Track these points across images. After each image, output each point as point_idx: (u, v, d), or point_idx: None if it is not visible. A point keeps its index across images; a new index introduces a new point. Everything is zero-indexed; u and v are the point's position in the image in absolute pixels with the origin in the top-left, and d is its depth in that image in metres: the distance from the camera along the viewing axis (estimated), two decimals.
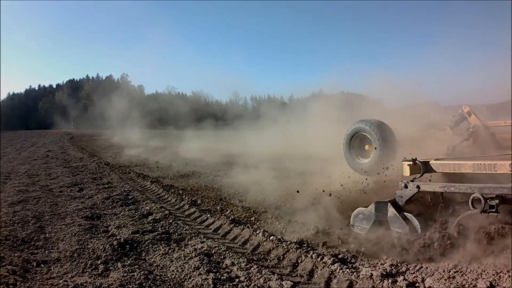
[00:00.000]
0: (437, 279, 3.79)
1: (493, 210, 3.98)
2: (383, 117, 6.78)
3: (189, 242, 5.22)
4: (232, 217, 6.50)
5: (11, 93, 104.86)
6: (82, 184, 10.00)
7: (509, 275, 3.55)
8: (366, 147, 6.63)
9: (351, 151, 6.87)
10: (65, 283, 3.70)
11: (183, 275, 4.05)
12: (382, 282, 3.65)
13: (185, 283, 3.87)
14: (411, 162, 5.00)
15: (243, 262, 4.36)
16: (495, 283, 3.59)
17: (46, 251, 4.76)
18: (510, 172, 4.21)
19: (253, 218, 6.68)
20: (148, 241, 5.16)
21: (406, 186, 4.87)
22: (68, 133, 51.67)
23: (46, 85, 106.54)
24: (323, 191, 6.72)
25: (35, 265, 4.25)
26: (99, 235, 5.46)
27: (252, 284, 3.79)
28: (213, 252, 4.74)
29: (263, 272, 4.03)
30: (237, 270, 4.12)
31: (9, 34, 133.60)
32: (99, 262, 4.37)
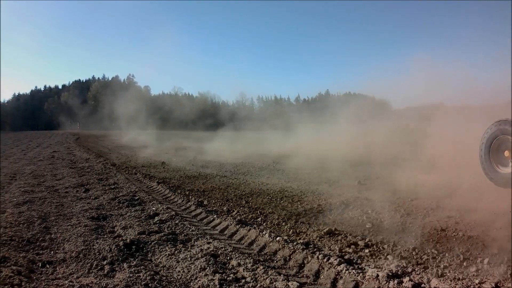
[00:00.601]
0: (443, 280, 3.78)
1: None
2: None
3: (196, 242, 5.20)
4: (238, 218, 6.49)
5: (16, 94, 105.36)
6: (88, 184, 10.02)
7: None
8: (506, 153, 5.72)
9: (491, 158, 5.90)
10: (70, 283, 3.70)
11: (189, 275, 4.04)
12: (388, 283, 3.63)
13: (191, 283, 3.85)
14: None
15: (250, 262, 4.34)
16: (500, 284, 3.58)
17: (52, 252, 4.76)
18: None
19: (259, 219, 6.65)
20: (154, 241, 5.15)
21: None
22: (74, 133, 51.98)
23: (52, 85, 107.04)
24: None
25: (40, 265, 4.25)
26: (105, 236, 5.45)
27: (258, 285, 3.77)
28: (219, 252, 4.72)
29: (269, 272, 4.01)
30: (243, 271, 4.10)
31: (14, 35, 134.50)
32: (105, 262, 4.36)
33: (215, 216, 6.68)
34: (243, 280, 3.90)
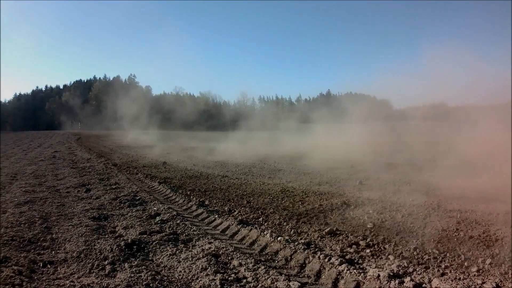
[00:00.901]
0: (444, 280, 3.78)
1: None
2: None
3: (197, 242, 5.20)
4: (240, 218, 6.48)
5: (17, 94, 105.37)
6: (90, 184, 10.01)
7: None
8: None
9: None
10: (71, 283, 3.70)
11: (191, 275, 4.04)
12: (389, 283, 3.64)
13: (193, 283, 3.85)
14: None
15: (251, 262, 4.34)
16: (501, 284, 3.59)
17: (53, 252, 4.75)
18: None
19: (260, 219, 6.65)
20: (156, 241, 5.15)
21: None
22: (75, 134, 52.03)
23: (53, 85, 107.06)
24: None
25: (41, 265, 4.25)
26: (106, 236, 5.45)
27: (260, 285, 3.77)
28: (220, 252, 4.72)
29: (271, 272, 4.01)
30: (245, 271, 4.10)
31: (14, 35, 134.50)
32: (106, 262, 4.36)
33: (216, 216, 6.68)
34: (244, 280, 3.90)
